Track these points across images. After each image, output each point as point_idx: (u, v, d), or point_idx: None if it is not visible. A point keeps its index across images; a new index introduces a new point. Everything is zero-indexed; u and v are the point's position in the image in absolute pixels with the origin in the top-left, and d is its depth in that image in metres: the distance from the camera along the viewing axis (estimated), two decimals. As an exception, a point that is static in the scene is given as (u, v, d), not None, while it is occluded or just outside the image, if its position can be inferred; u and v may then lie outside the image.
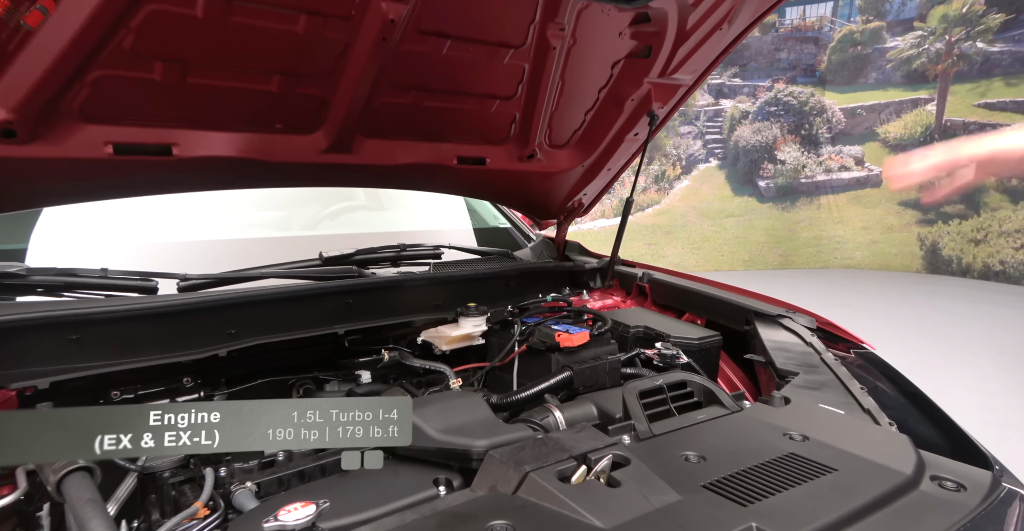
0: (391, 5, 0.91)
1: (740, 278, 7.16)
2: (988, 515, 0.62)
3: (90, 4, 0.72)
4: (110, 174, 0.93)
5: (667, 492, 0.65)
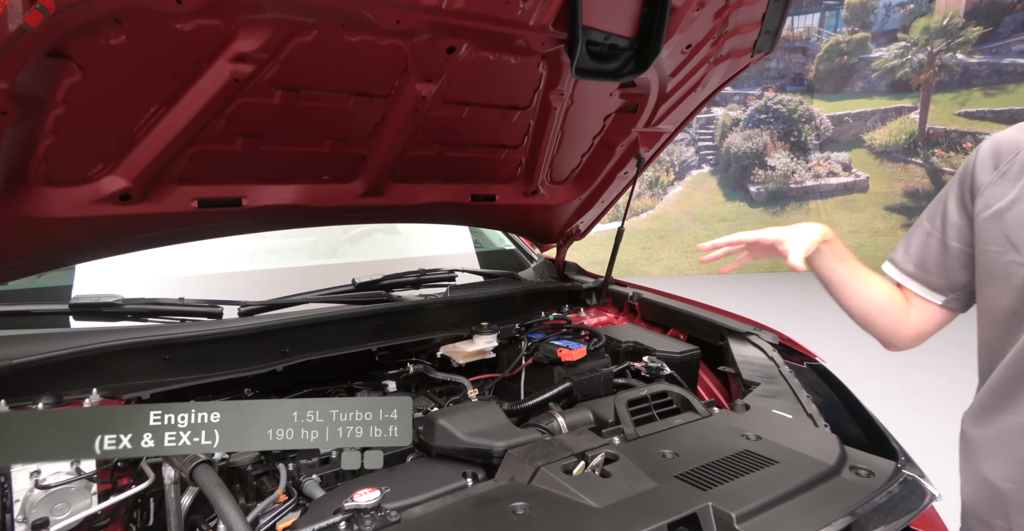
0: (423, 85, 1.11)
1: (733, 281, 7.38)
2: (888, 494, 0.83)
3: (200, 102, 0.92)
4: (193, 223, 1.14)
5: (647, 481, 0.85)
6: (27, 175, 0.90)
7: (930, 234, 0.89)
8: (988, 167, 0.82)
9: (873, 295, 0.91)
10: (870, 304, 0.92)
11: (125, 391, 1.04)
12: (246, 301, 1.30)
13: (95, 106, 0.86)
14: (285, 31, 0.89)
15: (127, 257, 1.19)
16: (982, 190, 0.81)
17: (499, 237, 2.08)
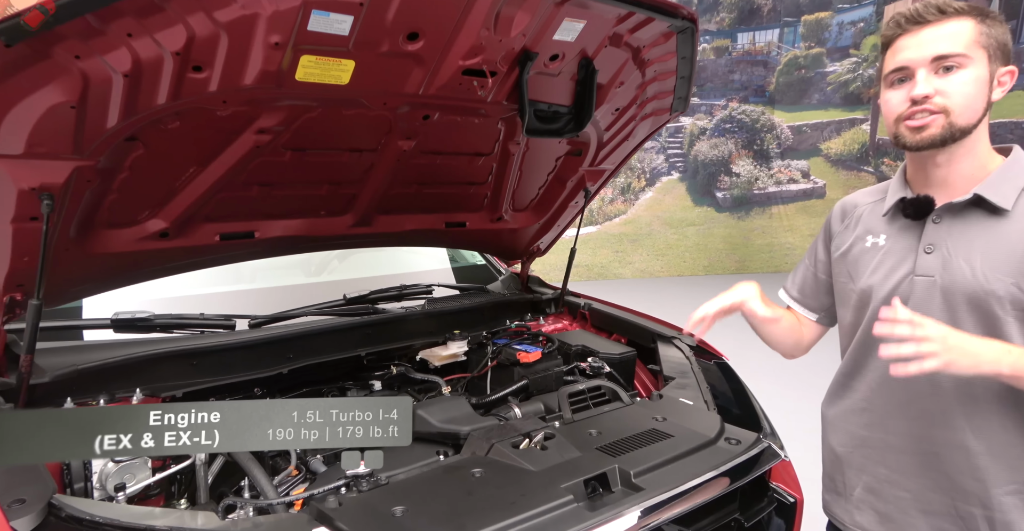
0: (404, 142, 1.39)
1: (701, 283, 7.77)
2: (747, 456, 1.14)
3: (229, 163, 1.18)
4: (215, 253, 1.39)
5: (574, 452, 1.14)
6: (94, 222, 1.15)
7: (807, 268, 1.17)
8: (838, 221, 1.12)
9: (784, 325, 1.15)
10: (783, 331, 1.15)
11: (162, 390, 1.29)
12: (255, 315, 1.56)
13: (149, 170, 1.12)
14: (297, 112, 1.15)
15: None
16: (835, 237, 1.11)
17: (472, 254, 2.36)
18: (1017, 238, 0.87)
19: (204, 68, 0.94)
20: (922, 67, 0.88)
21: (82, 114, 0.91)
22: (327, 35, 0.96)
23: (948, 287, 0.90)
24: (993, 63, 0.88)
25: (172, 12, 0.83)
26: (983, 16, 0.89)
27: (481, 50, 1.13)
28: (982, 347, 0.81)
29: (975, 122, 0.88)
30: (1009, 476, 0.88)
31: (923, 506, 0.94)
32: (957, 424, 0.90)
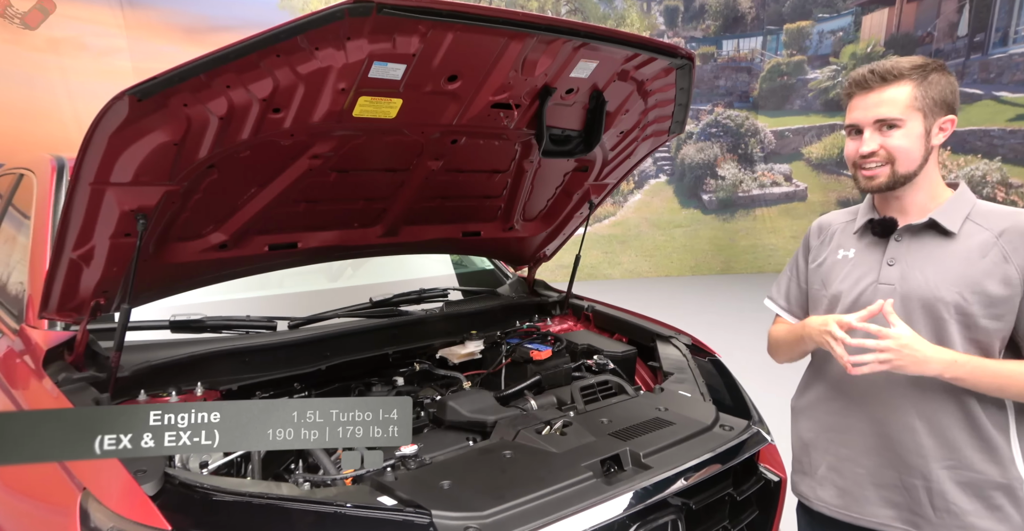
0: (433, 162, 1.55)
1: (687, 283, 8.00)
2: (738, 440, 1.32)
3: (284, 184, 1.33)
4: (264, 261, 1.55)
5: (589, 437, 1.31)
6: (168, 236, 1.30)
7: (790, 279, 1.35)
8: (816, 237, 1.31)
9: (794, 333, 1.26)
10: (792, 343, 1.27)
11: (219, 384, 1.44)
12: (294, 317, 1.71)
13: (219, 191, 1.27)
14: (346, 140, 1.31)
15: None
16: (812, 251, 1.30)
17: (481, 260, 2.53)
18: (961, 256, 1.06)
19: (282, 110, 1.10)
20: (868, 127, 1.07)
21: (181, 150, 1.06)
22: (383, 80, 1.13)
23: (906, 294, 1.09)
24: (929, 118, 1.07)
25: (264, 68, 0.99)
26: (921, 77, 1.06)
27: (509, 88, 1.30)
28: (932, 356, 0.99)
29: (916, 169, 1.08)
30: (945, 453, 1.06)
31: (876, 480, 1.12)
32: (907, 410, 1.08)
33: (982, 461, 1.05)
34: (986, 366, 1.01)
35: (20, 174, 2.10)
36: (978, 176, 6.36)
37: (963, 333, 1.05)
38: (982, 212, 1.09)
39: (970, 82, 6.43)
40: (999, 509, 1.04)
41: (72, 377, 1.26)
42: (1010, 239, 1.04)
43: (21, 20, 5.83)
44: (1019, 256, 1.03)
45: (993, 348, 1.05)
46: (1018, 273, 1.03)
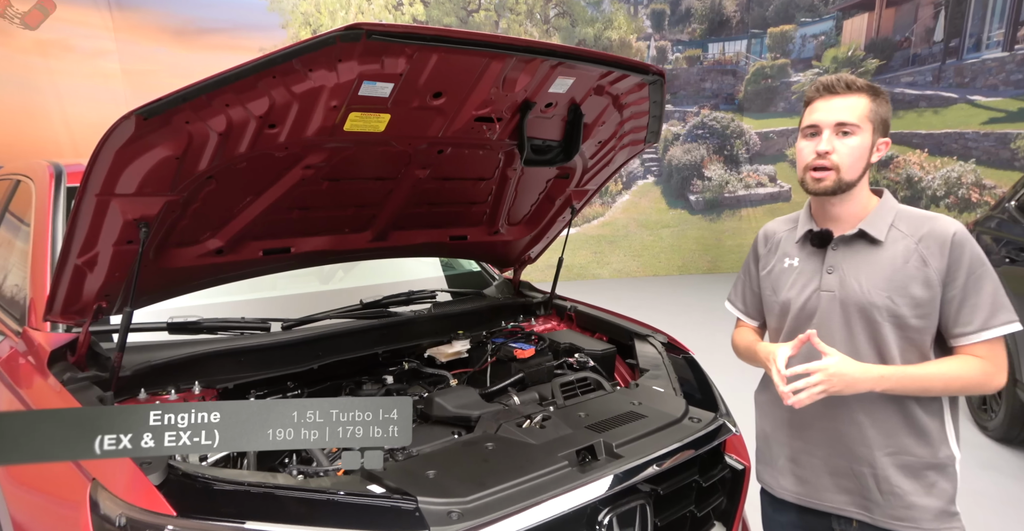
0: (420, 170, 1.63)
1: (675, 282, 8.13)
2: (705, 431, 1.42)
3: (278, 193, 1.41)
4: (258, 266, 1.62)
5: (567, 429, 1.40)
6: (168, 243, 1.38)
7: (745, 284, 1.45)
8: (763, 245, 1.40)
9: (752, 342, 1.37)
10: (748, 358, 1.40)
11: (216, 383, 1.51)
12: (287, 319, 1.79)
13: (216, 200, 1.35)
14: (337, 151, 1.39)
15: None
16: (760, 259, 1.40)
17: (469, 262, 2.61)
18: (888, 262, 1.16)
19: (277, 125, 1.18)
20: (827, 129, 1.16)
21: (182, 163, 1.14)
22: (372, 97, 1.21)
23: (844, 299, 1.19)
24: (875, 134, 1.17)
25: (261, 88, 1.07)
26: (875, 95, 1.18)
27: (490, 103, 1.39)
28: (861, 377, 1.09)
29: (858, 178, 1.17)
30: (886, 442, 1.17)
31: (829, 469, 1.22)
32: (853, 406, 1.19)
33: (916, 446, 1.15)
34: (909, 374, 1.12)
35: (17, 180, 2.15)
36: (954, 177, 6.53)
37: (896, 333, 1.15)
38: (904, 218, 1.20)
39: (945, 86, 6.60)
40: (933, 486, 1.15)
41: (76, 377, 1.33)
42: (927, 244, 1.15)
43: (21, 20, 5.82)
44: (935, 260, 1.13)
45: (925, 344, 1.15)
46: (936, 276, 1.13)
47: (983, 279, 1.13)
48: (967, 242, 1.14)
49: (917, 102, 6.92)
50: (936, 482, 1.16)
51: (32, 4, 5.62)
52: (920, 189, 6.89)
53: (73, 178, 1.92)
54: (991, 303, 1.12)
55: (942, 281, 1.13)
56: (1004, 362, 1.13)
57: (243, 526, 0.97)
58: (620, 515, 1.22)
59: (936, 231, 1.15)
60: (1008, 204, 3.41)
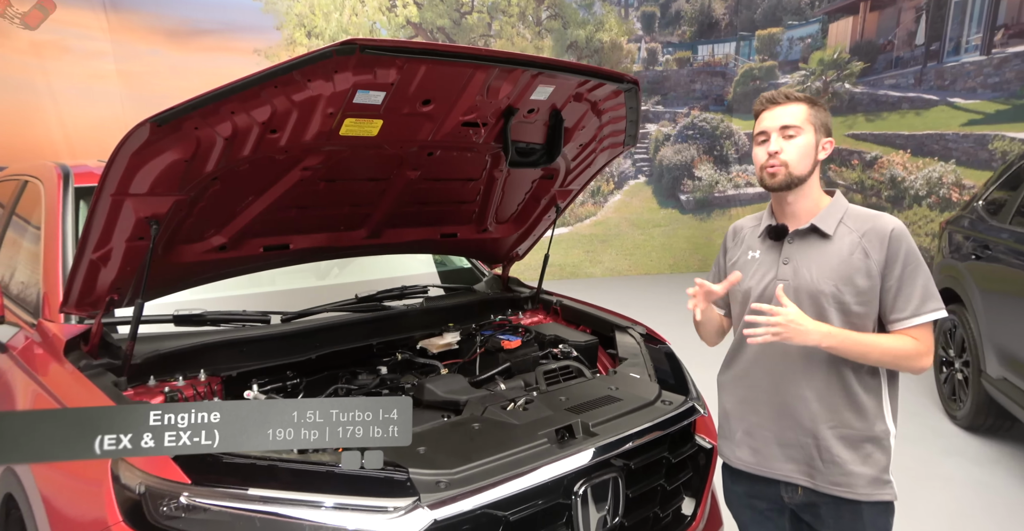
0: (411, 172, 1.74)
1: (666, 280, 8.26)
2: (676, 413, 1.53)
3: (278, 192, 1.51)
4: (258, 261, 1.73)
5: (548, 412, 1.51)
6: (175, 240, 1.48)
7: (715, 275, 1.56)
8: (731, 239, 1.52)
9: (714, 321, 1.50)
10: (713, 326, 1.50)
11: (220, 371, 1.62)
12: (285, 312, 1.89)
13: (220, 199, 1.45)
14: (333, 154, 1.50)
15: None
16: (728, 252, 1.51)
17: (460, 259, 2.72)
18: (835, 254, 1.29)
19: (278, 130, 1.28)
20: (774, 132, 1.29)
21: (190, 165, 1.24)
22: (366, 105, 1.32)
23: (797, 287, 1.31)
24: (818, 134, 1.30)
25: (264, 97, 1.17)
26: (813, 103, 1.32)
27: (476, 109, 1.50)
28: (811, 329, 1.21)
29: (807, 173, 1.30)
30: (829, 416, 1.29)
31: (779, 441, 1.34)
32: (800, 383, 1.31)
33: (855, 420, 1.28)
34: (852, 337, 1.24)
35: (24, 181, 2.24)
36: (935, 178, 6.69)
37: (840, 318, 1.27)
38: (852, 216, 1.33)
39: (927, 88, 6.76)
40: (869, 456, 1.28)
41: (91, 364, 1.43)
42: (869, 239, 1.28)
43: (21, 20, 5.86)
44: (876, 253, 1.26)
45: (867, 328, 1.28)
46: (876, 267, 1.26)
47: (917, 271, 1.26)
48: (904, 238, 1.27)
49: (900, 104, 7.08)
50: (872, 453, 1.28)
51: (32, 4, 5.67)
52: (903, 189, 7.05)
53: (80, 179, 2.01)
54: (922, 293, 1.25)
55: (881, 272, 1.26)
56: (931, 345, 1.27)
57: (248, 492, 1.08)
58: (594, 486, 1.33)
59: (878, 227, 1.28)
60: (976, 204, 3.55)
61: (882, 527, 1.29)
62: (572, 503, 1.30)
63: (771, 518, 1.40)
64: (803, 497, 1.33)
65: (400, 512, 1.10)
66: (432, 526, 1.11)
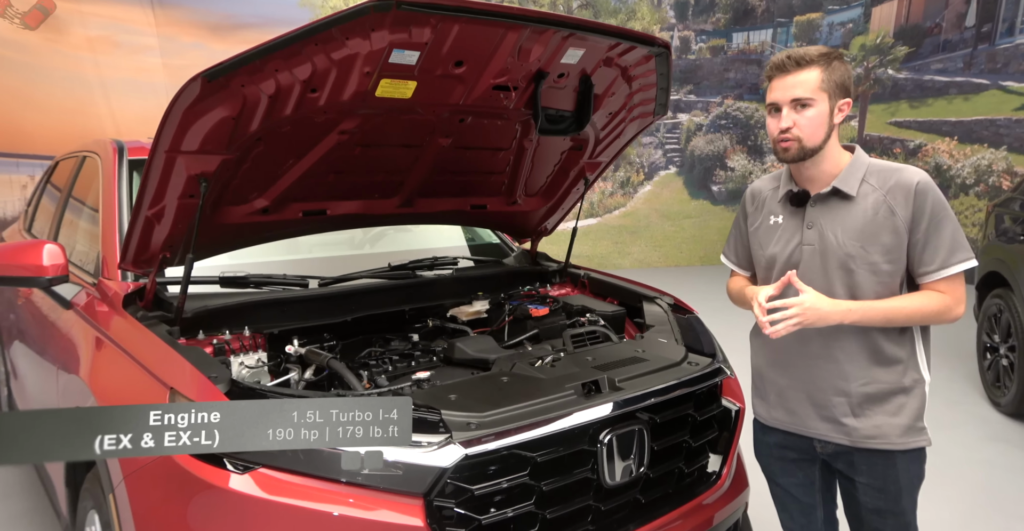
0: (443, 139, 1.79)
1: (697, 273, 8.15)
2: (702, 373, 1.55)
3: (317, 155, 1.58)
4: (298, 226, 1.81)
5: (574, 368, 1.55)
6: (222, 201, 1.56)
7: (736, 239, 1.57)
8: (750, 203, 1.52)
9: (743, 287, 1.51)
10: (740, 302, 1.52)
11: (262, 329, 1.70)
12: (324, 276, 1.97)
13: (262, 161, 1.53)
14: (369, 118, 1.56)
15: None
16: (749, 216, 1.51)
17: (488, 233, 2.77)
18: (860, 215, 1.28)
19: (318, 90, 1.35)
20: (785, 106, 1.28)
21: (237, 123, 1.32)
22: (401, 65, 1.37)
23: (823, 252, 1.30)
24: (833, 99, 1.27)
25: (305, 55, 1.24)
26: (827, 63, 1.26)
27: (507, 72, 1.54)
28: (831, 310, 1.21)
29: (821, 143, 1.28)
30: (860, 374, 1.29)
31: (812, 401, 1.34)
32: (830, 345, 1.31)
33: (885, 374, 1.27)
34: (873, 307, 1.23)
35: (83, 157, 2.39)
36: (984, 165, 6.42)
37: (871, 278, 1.27)
38: (874, 171, 1.30)
39: (977, 72, 6.49)
40: (902, 407, 1.28)
41: (147, 315, 1.53)
42: (894, 195, 1.26)
43: (21, 20, 6.12)
44: (902, 209, 1.25)
45: (895, 285, 1.27)
46: (903, 224, 1.25)
47: (943, 223, 1.24)
48: (929, 190, 1.25)
49: (947, 89, 6.81)
50: (904, 404, 1.27)
51: (32, 4, 5.91)
52: (949, 177, 6.79)
53: (133, 152, 2.14)
54: (950, 244, 1.24)
55: (908, 228, 1.25)
56: (962, 294, 1.25)
57: (292, 425, 1.15)
58: (619, 436, 1.36)
59: (902, 182, 1.26)
60: (1028, 184, 3.41)
61: (915, 473, 1.29)
62: (597, 451, 1.34)
63: (801, 468, 1.40)
64: (835, 447, 1.34)
65: (433, 447, 1.15)
66: (463, 460, 1.16)
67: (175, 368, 1.28)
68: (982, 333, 3.46)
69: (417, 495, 1.14)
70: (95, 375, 1.54)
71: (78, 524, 1.59)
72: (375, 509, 1.13)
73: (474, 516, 1.19)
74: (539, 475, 1.26)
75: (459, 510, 1.18)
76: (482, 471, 1.21)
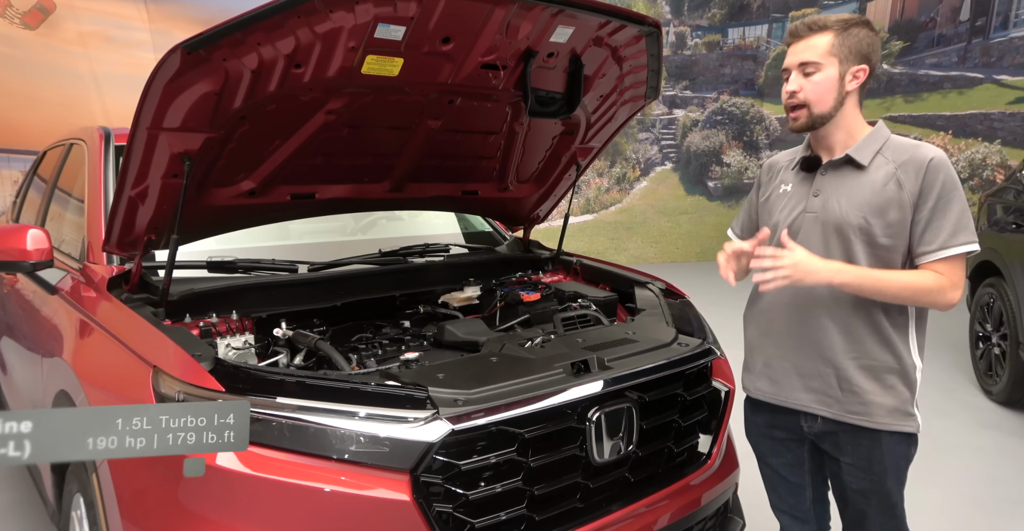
0: (433, 121, 1.77)
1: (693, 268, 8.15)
2: (691, 354, 1.54)
3: (304, 136, 1.57)
4: (286, 209, 1.79)
5: (564, 349, 1.54)
6: (207, 182, 1.55)
7: (747, 212, 1.56)
8: (766, 174, 1.51)
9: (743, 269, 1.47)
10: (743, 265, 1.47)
11: (251, 313, 1.68)
12: (313, 261, 1.95)
13: (248, 141, 1.51)
14: (356, 97, 1.54)
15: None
16: (762, 187, 1.50)
17: (480, 221, 2.76)
18: (868, 185, 1.26)
19: (302, 65, 1.33)
20: (794, 70, 1.27)
21: (220, 99, 1.30)
22: (386, 40, 1.35)
23: (825, 220, 1.29)
24: (845, 64, 1.25)
25: (288, 28, 1.22)
26: (843, 29, 1.25)
27: (495, 49, 1.52)
28: (820, 267, 1.20)
29: (831, 109, 1.26)
30: (851, 347, 1.28)
31: (798, 371, 1.33)
32: (822, 315, 1.29)
33: (880, 352, 1.26)
34: (865, 272, 1.22)
35: (71, 144, 2.37)
36: (978, 159, 6.44)
37: (866, 250, 1.25)
38: (892, 147, 1.29)
39: (971, 66, 6.50)
40: (892, 388, 1.26)
41: (132, 298, 1.52)
42: (905, 169, 1.24)
43: (21, 20, 6.10)
44: (910, 184, 1.23)
45: (895, 262, 1.25)
46: (909, 199, 1.23)
47: (951, 203, 1.22)
48: (942, 168, 1.22)
49: (941, 83, 6.82)
50: (895, 385, 1.26)
51: (32, 4, 5.88)
52: (943, 171, 6.79)
53: (120, 138, 2.12)
54: (954, 225, 1.21)
55: (914, 204, 1.23)
56: (960, 280, 1.23)
57: (277, 401, 1.13)
58: (608, 414, 1.35)
59: (916, 157, 1.24)
60: (1020, 174, 3.41)
61: (901, 456, 1.28)
62: (586, 429, 1.33)
63: (790, 448, 1.39)
64: (822, 426, 1.32)
65: (420, 422, 1.14)
66: (450, 435, 1.14)
67: (159, 347, 1.26)
68: (974, 322, 3.46)
69: (404, 471, 1.13)
70: (78, 356, 1.53)
71: (64, 508, 1.58)
72: (362, 485, 1.12)
73: (461, 492, 1.18)
74: (527, 451, 1.25)
75: (447, 486, 1.17)
76: (470, 447, 1.20)
